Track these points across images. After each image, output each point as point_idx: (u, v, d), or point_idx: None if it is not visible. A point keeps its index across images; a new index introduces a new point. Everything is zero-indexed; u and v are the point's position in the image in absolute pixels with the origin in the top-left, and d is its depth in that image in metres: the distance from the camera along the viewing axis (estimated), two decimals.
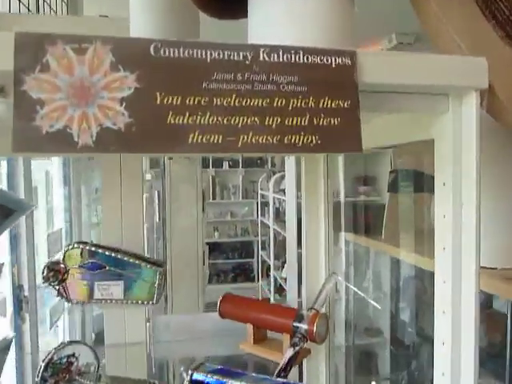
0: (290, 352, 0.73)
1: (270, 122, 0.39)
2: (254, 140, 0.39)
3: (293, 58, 0.41)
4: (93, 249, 0.77)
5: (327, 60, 0.41)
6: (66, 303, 0.86)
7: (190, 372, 0.52)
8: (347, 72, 0.42)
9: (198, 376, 0.51)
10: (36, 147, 0.36)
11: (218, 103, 0.39)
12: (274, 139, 0.39)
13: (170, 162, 2.04)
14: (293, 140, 0.40)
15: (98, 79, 0.37)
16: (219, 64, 0.39)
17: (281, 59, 0.40)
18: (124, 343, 0.88)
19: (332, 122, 0.41)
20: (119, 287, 0.77)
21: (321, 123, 0.40)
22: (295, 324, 0.78)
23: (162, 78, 0.38)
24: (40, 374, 0.63)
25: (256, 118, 0.39)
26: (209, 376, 0.51)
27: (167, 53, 0.38)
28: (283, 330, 0.81)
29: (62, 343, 0.67)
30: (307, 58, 0.41)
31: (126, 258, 0.77)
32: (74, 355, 0.68)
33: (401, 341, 1.58)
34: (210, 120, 0.39)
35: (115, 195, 0.83)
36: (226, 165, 5.93)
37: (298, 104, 0.40)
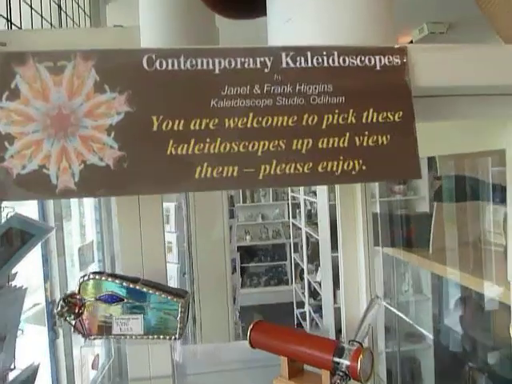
0: None
1: (299, 146, 0.31)
2: (278, 170, 0.30)
3: (325, 62, 0.32)
4: (109, 279, 0.70)
5: (370, 61, 0.32)
6: None
7: None
8: (397, 75, 0.32)
9: None
10: (4, 194, 0.29)
11: (231, 125, 0.30)
12: (305, 168, 0.30)
13: None
14: (329, 167, 0.31)
15: (79, 104, 0.30)
16: (231, 75, 0.31)
17: (309, 64, 0.31)
18: (149, 377, 0.81)
19: (380, 140, 0.31)
20: (138, 321, 0.71)
21: (365, 143, 0.31)
22: (336, 359, 0.69)
23: (159, 97, 0.30)
24: None
25: (280, 142, 0.31)
26: None
27: (164, 65, 0.30)
28: (322, 365, 0.71)
29: None
30: (343, 60, 0.32)
31: (144, 290, 0.70)
32: None
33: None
34: (222, 148, 0.30)
35: (133, 220, 0.76)
36: None
37: (335, 120, 0.31)
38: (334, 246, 3.18)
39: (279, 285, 5.85)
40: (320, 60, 0.31)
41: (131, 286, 0.70)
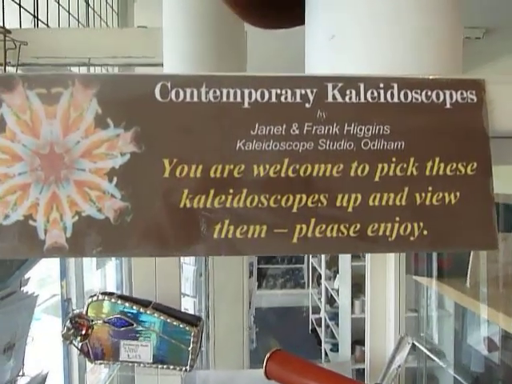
0: None
1: (345, 203, 0.25)
2: (317, 232, 0.24)
3: (382, 96, 0.25)
4: (119, 302, 0.66)
5: (438, 96, 0.25)
6: None
7: None
8: (471, 115, 0.26)
9: None
10: None
11: (261, 174, 0.24)
12: (351, 230, 0.24)
13: None
14: (381, 231, 0.24)
15: (75, 141, 0.24)
16: (263, 110, 0.25)
17: (362, 99, 0.25)
18: None
19: (446, 199, 0.25)
20: (148, 349, 0.66)
21: (427, 202, 0.25)
22: None
23: (173, 135, 0.24)
24: None
25: (321, 197, 0.24)
26: None
27: (181, 96, 0.25)
28: None
29: None
30: (405, 95, 0.25)
31: (156, 315, 0.65)
32: None
33: None
34: (248, 201, 0.24)
35: None
36: None
37: (391, 171, 0.25)
38: (354, 254, 3.10)
39: (295, 288, 5.80)
40: (375, 94, 0.25)
41: (141, 310, 0.65)
